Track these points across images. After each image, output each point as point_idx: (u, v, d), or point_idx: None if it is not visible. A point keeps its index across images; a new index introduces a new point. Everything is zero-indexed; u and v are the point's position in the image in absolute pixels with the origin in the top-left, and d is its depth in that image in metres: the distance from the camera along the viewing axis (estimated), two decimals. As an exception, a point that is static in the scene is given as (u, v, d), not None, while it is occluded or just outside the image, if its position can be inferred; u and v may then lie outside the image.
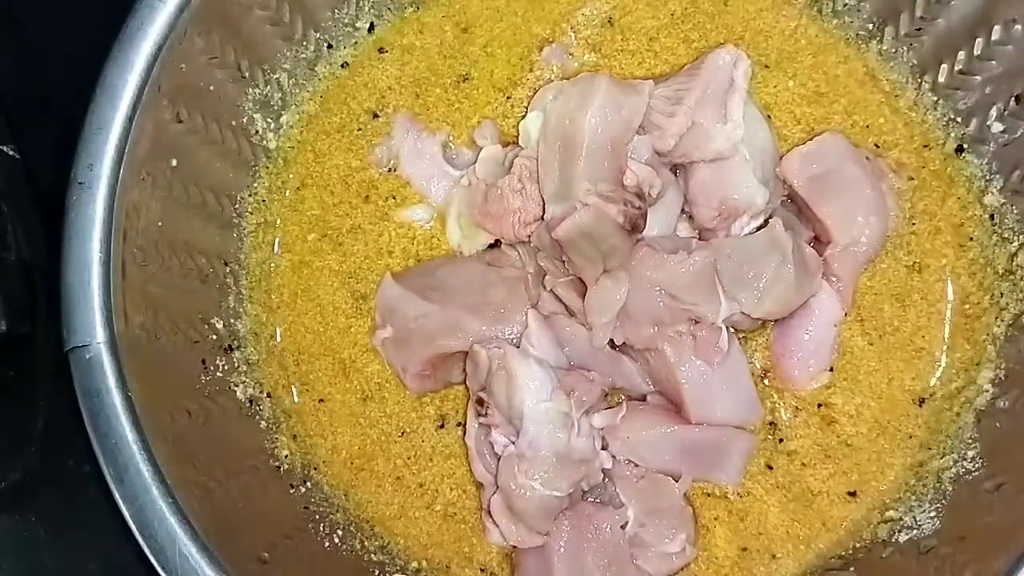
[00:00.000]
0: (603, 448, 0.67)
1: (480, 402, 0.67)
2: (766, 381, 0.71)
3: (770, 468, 0.70)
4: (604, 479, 0.67)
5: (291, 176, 0.75)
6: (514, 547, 0.68)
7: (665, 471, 0.67)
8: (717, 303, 0.66)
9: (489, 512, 0.68)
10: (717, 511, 0.69)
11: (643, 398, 0.69)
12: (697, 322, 0.66)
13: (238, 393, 0.71)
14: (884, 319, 0.71)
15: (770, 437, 0.70)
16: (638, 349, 0.68)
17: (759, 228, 0.68)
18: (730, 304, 0.66)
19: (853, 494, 0.69)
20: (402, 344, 0.70)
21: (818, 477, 0.69)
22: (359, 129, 0.75)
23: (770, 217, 0.69)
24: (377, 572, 0.70)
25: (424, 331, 0.69)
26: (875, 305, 0.71)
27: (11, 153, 0.67)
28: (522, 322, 0.68)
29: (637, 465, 0.67)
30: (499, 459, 0.66)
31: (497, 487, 0.66)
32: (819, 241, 0.70)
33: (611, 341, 0.67)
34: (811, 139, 0.71)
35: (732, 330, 0.68)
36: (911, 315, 0.71)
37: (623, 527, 0.66)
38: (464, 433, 0.70)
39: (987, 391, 0.68)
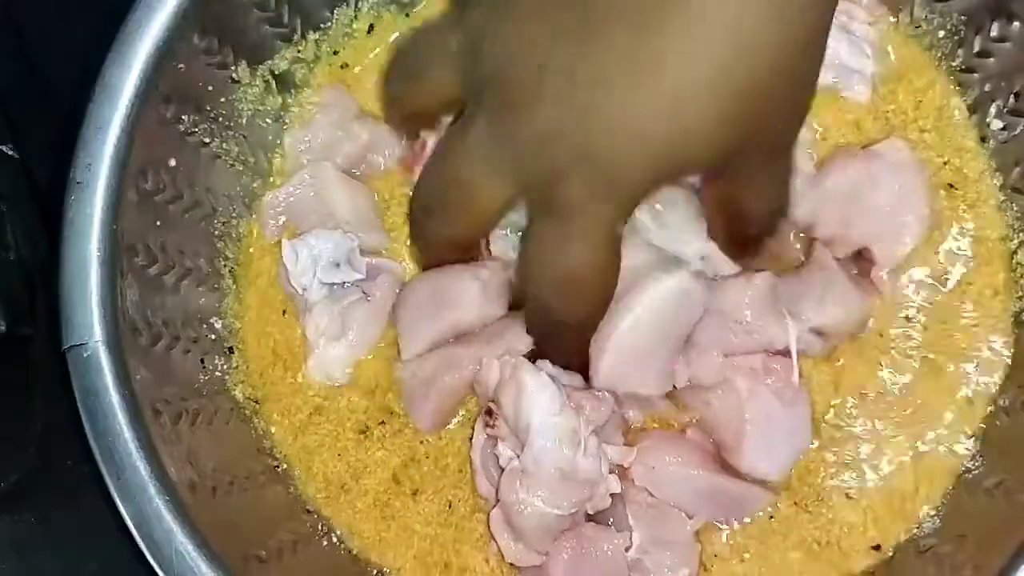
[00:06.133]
0: (611, 472, 0.65)
1: (489, 412, 0.66)
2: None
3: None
4: (613, 499, 0.66)
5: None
6: (511, 564, 0.67)
7: (679, 507, 0.66)
8: (785, 323, 0.65)
9: (489, 527, 0.67)
10: (716, 547, 0.68)
11: (683, 431, 0.68)
12: (770, 353, 0.65)
13: (236, 393, 0.71)
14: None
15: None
16: (705, 388, 0.66)
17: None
18: (796, 322, 0.65)
19: (877, 548, 0.67)
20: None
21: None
22: (359, 129, 0.75)
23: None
24: (376, 572, 0.70)
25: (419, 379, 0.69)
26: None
27: (10, 152, 0.67)
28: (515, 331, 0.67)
29: (652, 494, 0.66)
30: (502, 472, 0.65)
31: (498, 501, 0.66)
32: (863, 260, 0.68)
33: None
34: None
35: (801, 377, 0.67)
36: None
37: (626, 550, 0.65)
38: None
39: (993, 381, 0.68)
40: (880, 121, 0.71)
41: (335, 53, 0.75)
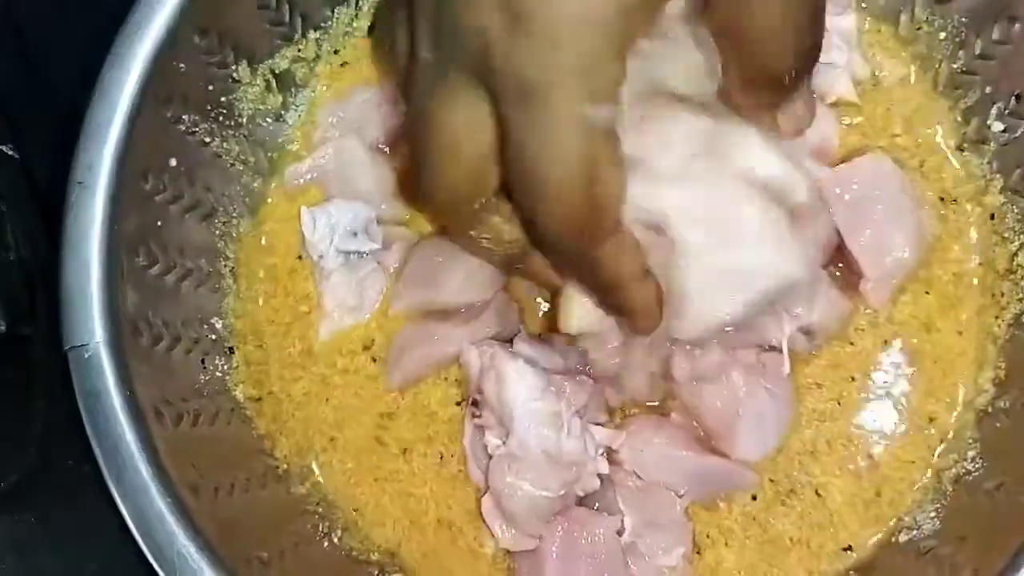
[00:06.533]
0: (602, 454, 0.66)
1: (475, 403, 0.67)
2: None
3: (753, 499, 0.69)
4: (602, 485, 0.66)
5: (290, 175, 0.75)
6: (506, 551, 0.68)
7: (668, 488, 0.67)
8: (779, 319, 0.65)
9: (482, 514, 0.68)
10: (709, 529, 0.69)
11: (667, 413, 0.69)
12: (763, 349, 0.66)
13: (237, 393, 0.71)
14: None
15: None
16: (703, 378, 0.66)
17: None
18: (790, 320, 0.65)
19: (849, 548, 0.68)
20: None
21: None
22: (359, 129, 0.75)
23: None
24: (377, 572, 0.70)
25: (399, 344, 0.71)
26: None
27: (10, 152, 0.67)
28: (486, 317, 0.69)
29: (640, 477, 0.67)
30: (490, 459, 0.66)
31: (488, 488, 0.66)
32: (850, 271, 0.68)
33: (670, 375, 0.66)
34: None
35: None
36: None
37: (619, 533, 0.66)
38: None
39: (987, 391, 0.68)
40: (865, 127, 0.72)
41: (336, 52, 0.75)
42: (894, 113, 0.72)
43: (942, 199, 0.71)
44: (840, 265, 0.69)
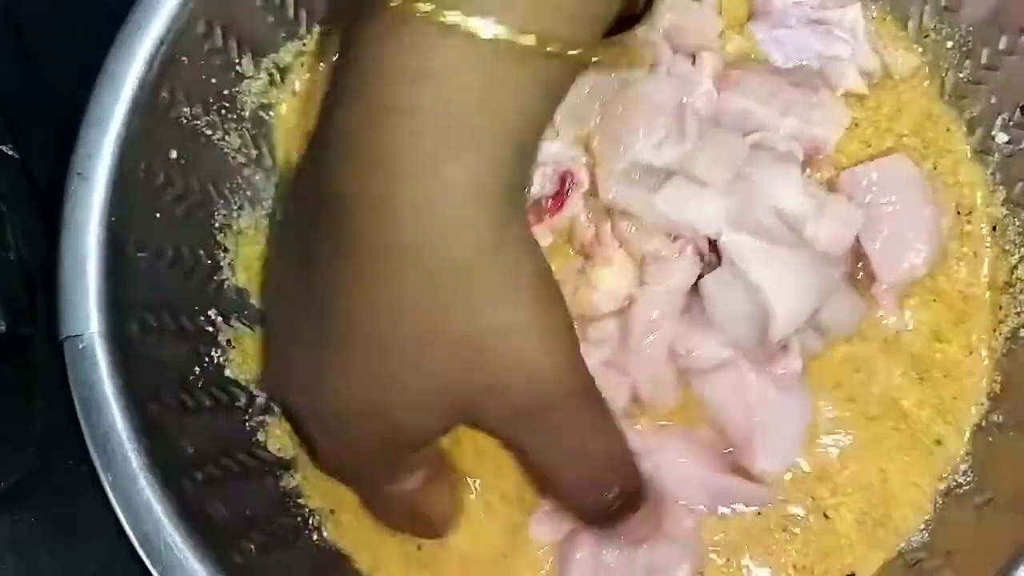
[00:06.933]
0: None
1: None
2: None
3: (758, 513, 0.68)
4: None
5: (291, 170, 0.74)
6: None
7: (684, 502, 0.67)
8: None
9: None
10: (715, 539, 0.68)
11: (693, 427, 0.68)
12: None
13: (233, 385, 0.71)
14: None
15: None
16: (706, 370, 0.66)
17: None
18: None
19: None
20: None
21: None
22: (362, 122, 0.74)
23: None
24: (364, 568, 0.70)
25: None
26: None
27: (10, 152, 0.67)
28: None
29: (655, 486, 0.65)
30: None
31: None
32: (864, 272, 0.68)
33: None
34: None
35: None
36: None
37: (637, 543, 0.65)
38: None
39: (982, 404, 0.68)
40: (877, 129, 0.71)
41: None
42: (903, 113, 0.71)
43: (959, 212, 0.70)
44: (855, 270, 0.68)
